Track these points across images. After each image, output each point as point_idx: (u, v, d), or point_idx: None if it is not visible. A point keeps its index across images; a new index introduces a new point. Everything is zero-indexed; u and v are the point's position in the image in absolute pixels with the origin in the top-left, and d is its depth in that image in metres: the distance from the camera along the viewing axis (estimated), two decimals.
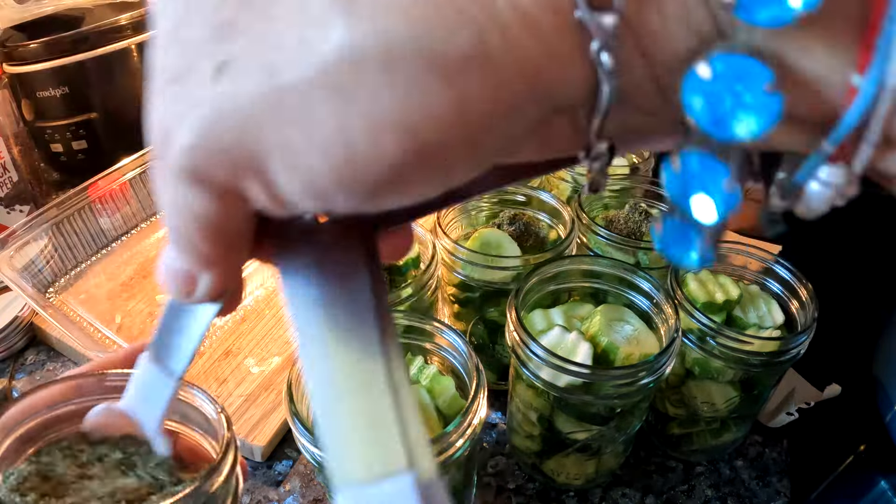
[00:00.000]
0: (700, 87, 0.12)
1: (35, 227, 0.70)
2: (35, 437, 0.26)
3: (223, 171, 0.15)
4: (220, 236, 0.17)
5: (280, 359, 0.61)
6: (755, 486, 0.51)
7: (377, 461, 0.17)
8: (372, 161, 0.13)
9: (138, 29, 0.93)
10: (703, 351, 0.45)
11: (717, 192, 0.13)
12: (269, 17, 0.13)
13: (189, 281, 0.19)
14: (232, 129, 0.14)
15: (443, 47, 0.12)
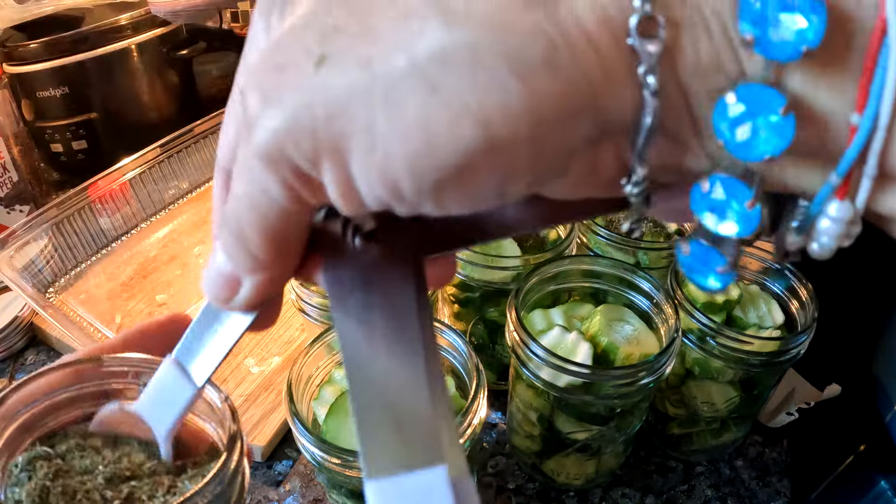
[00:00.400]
0: (727, 113, 0.14)
1: (35, 227, 0.70)
2: (34, 425, 0.25)
3: (304, 155, 0.16)
4: (276, 236, 0.18)
5: (280, 359, 0.61)
6: (755, 486, 0.51)
7: (411, 453, 0.18)
8: (446, 147, 0.15)
9: (138, 29, 0.93)
10: (703, 351, 0.45)
11: (741, 212, 0.15)
12: (371, 18, 0.15)
13: (232, 285, 0.20)
14: (322, 114, 0.15)
15: (521, 53, 0.14)
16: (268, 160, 0.16)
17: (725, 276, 0.16)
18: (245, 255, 0.19)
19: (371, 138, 0.15)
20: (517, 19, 0.14)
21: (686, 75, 0.15)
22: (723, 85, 0.14)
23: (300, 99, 0.16)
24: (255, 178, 0.17)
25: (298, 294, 0.47)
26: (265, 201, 0.17)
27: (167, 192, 0.85)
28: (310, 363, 0.41)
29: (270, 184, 0.17)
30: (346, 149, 0.16)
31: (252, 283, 0.20)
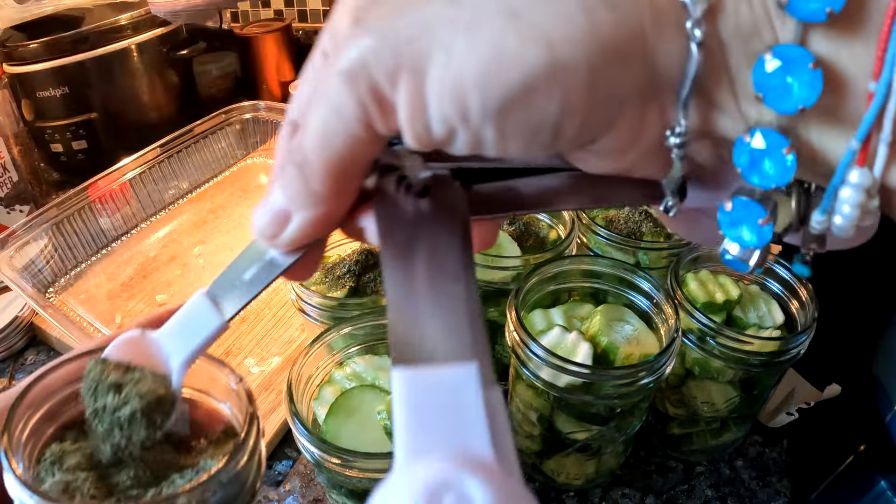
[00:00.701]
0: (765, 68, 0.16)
1: (35, 227, 0.70)
2: (55, 414, 0.26)
3: (385, 71, 0.17)
4: (338, 167, 0.19)
5: (280, 359, 0.61)
6: (755, 486, 0.51)
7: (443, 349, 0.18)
8: (515, 67, 0.16)
9: (138, 29, 0.93)
10: (703, 351, 0.45)
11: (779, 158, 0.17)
12: None
13: (281, 220, 0.21)
14: (407, 35, 0.17)
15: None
16: (350, 76, 0.18)
17: (764, 230, 0.18)
18: (303, 187, 0.20)
19: (448, 57, 0.17)
20: None
21: (726, 34, 0.16)
22: (759, 48, 0.16)
23: (389, 22, 0.17)
24: (333, 98, 0.18)
25: (298, 294, 0.47)
26: (337, 125, 0.18)
27: (167, 192, 0.85)
28: (310, 363, 0.42)
29: (347, 102, 0.18)
30: (424, 66, 0.17)
31: (302, 218, 0.21)
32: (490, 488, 0.15)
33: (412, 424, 0.17)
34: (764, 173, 0.17)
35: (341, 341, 0.43)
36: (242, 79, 1.23)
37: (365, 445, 0.37)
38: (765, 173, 0.17)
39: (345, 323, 0.43)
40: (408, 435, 0.16)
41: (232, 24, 1.36)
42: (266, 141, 0.96)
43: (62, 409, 0.26)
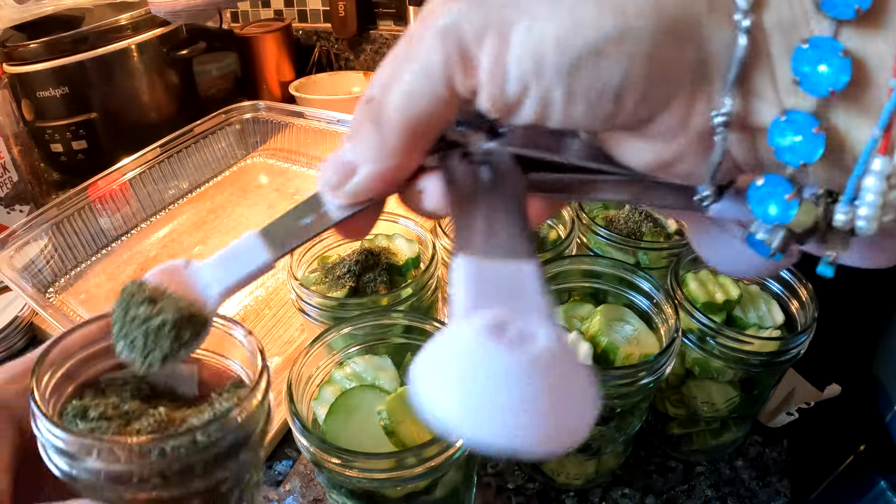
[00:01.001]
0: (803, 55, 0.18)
1: (35, 227, 0.70)
2: (74, 374, 0.27)
3: (473, 29, 0.19)
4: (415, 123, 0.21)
5: (280, 359, 0.61)
6: (755, 486, 0.51)
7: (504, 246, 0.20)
8: (590, 29, 0.18)
9: (138, 29, 0.94)
10: (703, 351, 0.45)
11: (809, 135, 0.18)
12: None
13: (347, 171, 0.22)
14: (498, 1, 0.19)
15: None
16: (442, 33, 0.19)
17: (790, 204, 0.20)
18: (378, 141, 0.21)
19: (532, 21, 0.19)
20: None
21: (769, 25, 0.18)
22: (797, 41, 0.18)
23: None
24: (424, 53, 0.20)
25: (298, 294, 0.47)
26: (423, 81, 0.20)
27: (167, 192, 0.86)
28: (310, 363, 0.41)
29: (436, 58, 0.20)
30: (509, 28, 0.19)
31: (368, 170, 0.22)
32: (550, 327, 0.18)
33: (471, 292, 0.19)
34: (795, 149, 0.19)
35: (341, 341, 0.43)
36: (242, 79, 1.23)
37: (365, 445, 0.37)
38: (795, 149, 0.19)
39: (345, 323, 0.43)
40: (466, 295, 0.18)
41: (232, 24, 1.36)
42: (266, 141, 0.97)
43: (81, 368, 0.27)
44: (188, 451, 0.23)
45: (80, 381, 0.27)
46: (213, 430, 0.24)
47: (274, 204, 0.85)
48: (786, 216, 0.20)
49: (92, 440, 0.23)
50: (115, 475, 0.23)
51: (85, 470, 0.23)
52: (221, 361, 0.29)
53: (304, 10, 1.30)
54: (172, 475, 0.23)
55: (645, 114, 0.20)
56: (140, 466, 0.23)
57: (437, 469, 0.35)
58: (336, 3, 1.17)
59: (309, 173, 0.92)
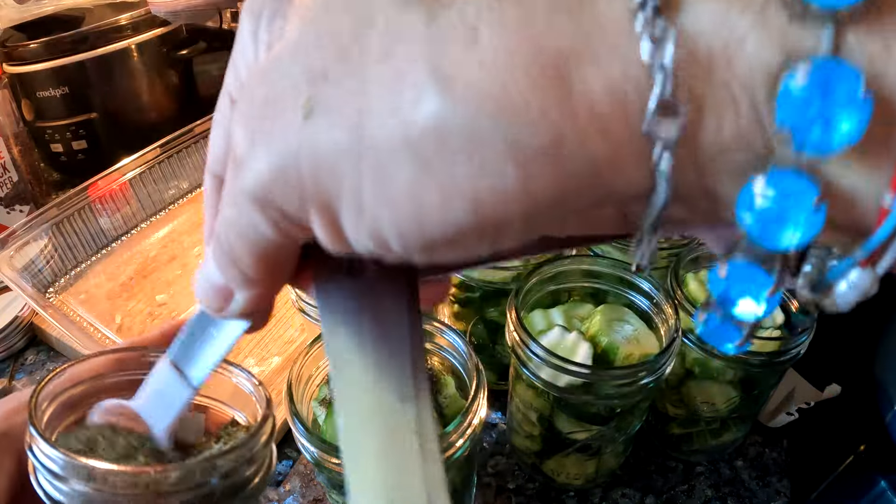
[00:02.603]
0: (753, 203, 0.13)
1: (35, 227, 0.70)
2: (77, 405, 0.27)
3: (292, 204, 0.16)
4: (267, 261, 0.18)
5: (280, 359, 0.61)
6: (755, 486, 0.51)
7: (398, 500, 0.18)
8: (436, 223, 0.14)
9: (138, 29, 0.93)
10: (703, 351, 0.45)
11: (761, 297, 0.14)
12: (362, 68, 0.14)
13: (225, 296, 0.20)
14: (309, 168, 0.15)
15: (523, 139, 0.13)
16: (255, 201, 0.16)
17: (742, 348, 0.16)
18: (236, 273, 0.19)
19: (359, 203, 0.15)
20: (524, 101, 0.13)
21: (704, 157, 0.13)
22: (748, 163, 0.13)
23: (286, 147, 0.15)
24: (244, 213, 0.17)
25: (298, 294, 0.47)
26: (253, 234, 0.17)
27: (167, 192, 0.85)
28: (310, 363, 0.41)
29: (259, 221, 0.17)
30: (334, 206, 0.15)
31: (243, 297, 0.20)
32: None
33: None
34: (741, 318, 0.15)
35: None
36: None
37: None
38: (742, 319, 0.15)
39: None
40: None
41: (232, 24, 1.36)
42: None
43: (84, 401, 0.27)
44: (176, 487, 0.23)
45: (78, 416, 0.27)
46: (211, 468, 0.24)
47: None
48: (740, 350, 0.16)
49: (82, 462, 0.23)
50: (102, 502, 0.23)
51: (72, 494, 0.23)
52: (226, 412, 0.30)
53: None
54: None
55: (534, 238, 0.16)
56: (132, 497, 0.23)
57: None
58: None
59: None
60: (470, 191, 0.14)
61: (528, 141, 0.13)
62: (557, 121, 0.13)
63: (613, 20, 0.13)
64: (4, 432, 0.25)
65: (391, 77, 0.14)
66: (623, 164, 0.14)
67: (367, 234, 0.15)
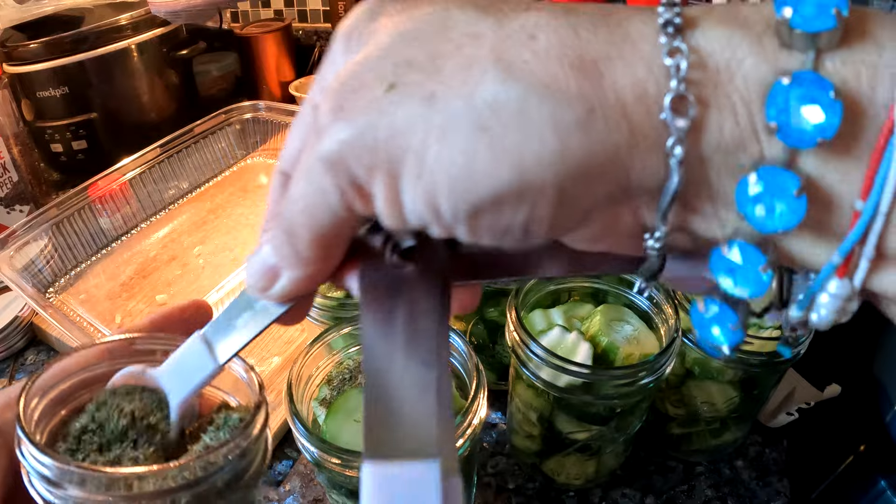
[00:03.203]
0: (748, 191, 0.16)
1: (35, 227, 0.70)
2: (67, 399, 0.27)
3: (362, 167, 0.18)
4: (323, 238, 0.20)
5: (280, 359, 0.61)
6: (755, 486, 0.51)
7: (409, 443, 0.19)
8: (484, 181, 0.17)
9: (138, 29, 0.94)
10: (703, 351, 0.45)
11: (754, 275, 0.17)
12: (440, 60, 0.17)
13: (271, 277, 0.22)
14: (384, 135, 0.17)
15: (563, 114, 0.16)
16: (329, 165, 0.18)
17: (735, 333, 0.18)
18: (291, 251, 0.21)
19: (421, 163, 0.17)
20: (567, 85, 0.16)
21: (709, 150, 0.16)
22: (743, 163, 0.16)
23: (367, 118, 0.18)
24: (315, 180, 0.19)
25: None
26: (320, 203, 0.19)
27: (167, 192, 0.85)
28: (310, 363, 0.41)
29: (328, 187, 0.19)
30: (399, 168, 0.18)
31: (291, 277, 0.22)
32: None
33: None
34: (739, 285, 0.17)
35: (341, 341, 0.43)
36: (242, 79, 1.23)
37: None
38: (739, 285, 0.17)
39: (345, 323, 0.43)
40: None
41: (232, 24, 1.36)
42: (266, 141, 0.96)
43: (72, 395, 0.27)
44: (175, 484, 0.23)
45: (70, 409, 0.27)
46: (206, 465, 0.23)
47: None
48: (732, 340, 0.18)
49: (74, 468, 0.22)
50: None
51: (66, 498, 0.22)
52: (220, 395, 0.29)
53: (304, 10, 1.30)
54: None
55: (557, 235, 0.19)
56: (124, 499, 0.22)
57: None
58: (336, 3, 1.17)
59: None
60: (517, 154, 0.16)
61: (566, 115, 0.16)
62: (591, 101, 0.16)
63: (642, 35, 0.17)
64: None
65: (463, 63, 0.17)
66: (641, 150, 0.16)
67: (423, 196, 0.18)
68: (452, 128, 0.17)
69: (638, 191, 0.17)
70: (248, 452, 0.25)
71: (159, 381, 0.27)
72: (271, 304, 0.24)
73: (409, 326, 0.22)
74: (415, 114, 0.17)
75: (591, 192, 0.17)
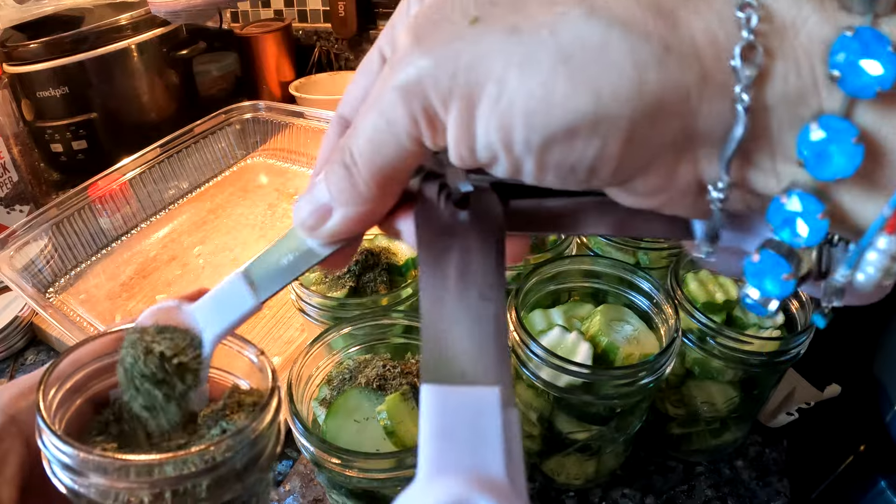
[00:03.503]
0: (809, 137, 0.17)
1: (35, 227, 0.70)
2: (82, 388, 0.27)
3: (439, 93, 0.18)
4: (384, 172, 0.20)
5: (280, 359, 0.61)
6: (755, 486, 0.51)
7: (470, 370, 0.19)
8: (562, 108, 0.17)
9: (138, 29, 0.94)
10: (703, 351, 0.45)
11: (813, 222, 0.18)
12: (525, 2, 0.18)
13: (322, 214, 0.22)
14: (465, 62, 0.18)
15: (641, 49, 0.17)
16: (405, 92, 0.19)
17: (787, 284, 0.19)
18: (348, 185, 0.21)
19: (501, 90, 0.18)
20: (646, 23, 0.17)
21: (773, 100, 0.17)
22: (804, 114, 0.17)
23: (449, 46, 0.18)
24: (387, 109, 0.19)
25: (298, 294, 0.47)
26: (388, 135, 0.19)
27: (167, 192, 0.86)
28: (310, 363, 0.41)
29: (399, 115, 0.19)
30: (477, 95, 0.18)
31: (342, 214, 0.22)
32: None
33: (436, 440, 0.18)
34: (796, 233, 0.18)
35: (341, 341, 0.43)
36: (242, 79, 1.23)
37: (365, 445, 0.37)
38: (796, 233, 0.18)
39: (345, 323, 0.43)
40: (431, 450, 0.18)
41: (232, 24, 1.36)
42: (266, 141, 0.97)
43: (89, 383, 0.27)
44: (195, 469, 0.23)
45: (87, 396, 0.27)
46: (224, 449, 0.24)
47: (274, 204, 0.85)
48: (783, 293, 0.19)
49: (96, 456, 0.22)
50: (117, 492, 0.23)
51: (90, 487, 0.23)
52: (231, 380, 0.29)
53: (304, 10, 1.30)
54: (178, 494, 0.23)
55: (620, 179, 0.19)
56: (145, 485, 0.23)
57: None
58: (336, 3, 1.17)
59: (309, 173, 0.92)
60: (595, 86, 0.17)
61: (645, 51, 0.17)
62: (667, 40, 0.17)
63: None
64: (12, 417, 0.26)
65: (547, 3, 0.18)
66: (710, 94, 0.17)
67: (498, 125, 0.18)
68: (534, 59, 0.17)
69: (702, 138, 0.18)
70: (264, 436, 0.25)
71: (194, 317, 0.27)
72: (317, 245, 0.24)
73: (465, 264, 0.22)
74: (498, 44, 0.18)
75: (659, 133, 0.18)
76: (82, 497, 0.23)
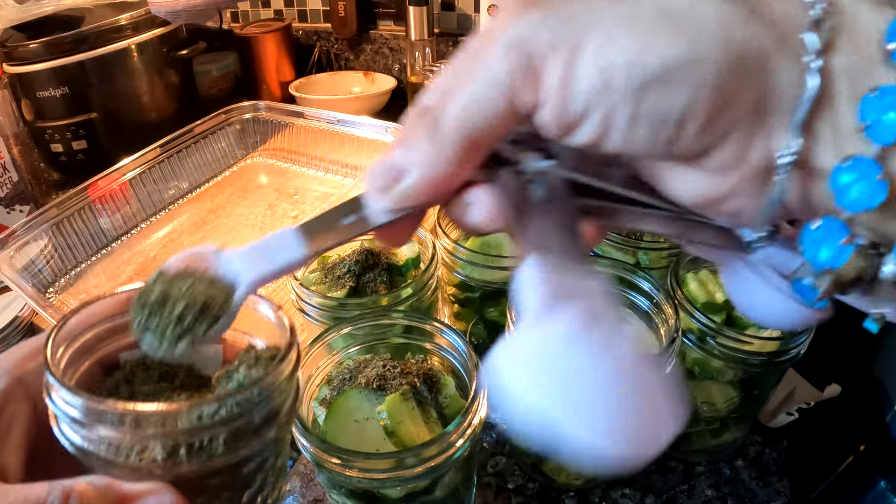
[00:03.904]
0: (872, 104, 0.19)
1: (35, 227, 0.70)
2: (91, 349, 0.26)
3: (545, 43, 0.19)
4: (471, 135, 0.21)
5: None
6: (755, 486, 0.51)
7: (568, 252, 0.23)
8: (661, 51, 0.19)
9: (138, 29, 0.94)
10: (703, 351, 0.45)
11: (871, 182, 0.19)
12: None
13: (395, 175, 0.22)
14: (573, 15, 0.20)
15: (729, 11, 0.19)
16: (510, 45, 0.20)
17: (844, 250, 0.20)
18: (431, 147, 0.21)
19: (606, 37, 0.19)
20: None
21: (837, 70, 0.19)
22: (863, 86, 0.19)
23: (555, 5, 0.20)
24: (487, 64, 0.20)
25: (298, 294, 0.47)
26: (484, 93, 0.20)
27: (167, 192, 0.86)
28: (310, 363, 0.41)
29: (500, 70, 0.20)
30: (582, 43, 0.19)
31: (418, 175, 0.22)
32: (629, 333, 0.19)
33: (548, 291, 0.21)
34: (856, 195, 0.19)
35: (341, 341, 0.43)
36: (242, 79, 1.23)
37: (365, 445, 0.37)
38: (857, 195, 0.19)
39: (345, 323, 0.43)
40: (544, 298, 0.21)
41: (232, 24, 1.36)
42: (266, 141, 0.97)
43: (99, 344, 0.26)
44: (211, 421, 0.22)
45: (96, 358, 0.26)
46: (240, 400, 0.22)
47: (274, 204, 0.85)
48: (838, 261, 0.20)
49: (108, 406, 0.21)
50: (129, 447, 0.22)
51: (100, 442, 0.22)
52: (246, 340, 0.28)
53: (304, 10, 1.30)
54: (193, 448, 0.22)
55: (704, 143, 0.20)
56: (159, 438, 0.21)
57: (436, 469, 0.35)
58: (336, 3, 1.17)
59: (309, 173, 0.92)
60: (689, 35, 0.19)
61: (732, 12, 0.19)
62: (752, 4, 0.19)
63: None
64: (18, 379, 0.25)
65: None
66: (784, 58, 0.19)
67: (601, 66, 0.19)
68: (639, 13, 0.19)
69: (776, 104, 0.20)
70: (283, 390, 0.24)
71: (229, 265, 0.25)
72: (381, 209, 0.23)
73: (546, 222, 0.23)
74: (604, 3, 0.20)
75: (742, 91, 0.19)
76: (91, 455, 0.22)
